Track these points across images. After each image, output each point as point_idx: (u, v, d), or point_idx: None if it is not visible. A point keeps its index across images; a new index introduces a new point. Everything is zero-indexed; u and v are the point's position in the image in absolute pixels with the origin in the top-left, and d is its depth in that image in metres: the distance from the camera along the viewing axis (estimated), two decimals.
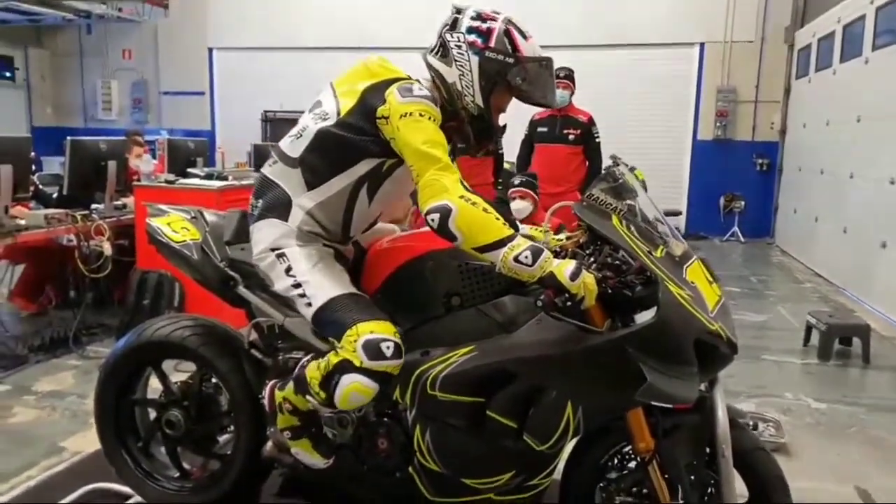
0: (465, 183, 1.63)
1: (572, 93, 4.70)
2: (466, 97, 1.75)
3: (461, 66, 1.73)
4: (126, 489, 2.30)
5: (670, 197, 8.73)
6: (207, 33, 10.19)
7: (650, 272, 1.65)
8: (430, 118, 1.65)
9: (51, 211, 4.03)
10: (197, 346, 2.06)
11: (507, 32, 1.74)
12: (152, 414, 2.24)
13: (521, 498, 1.80)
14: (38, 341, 4.03)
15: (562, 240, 1.88)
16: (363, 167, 1.78)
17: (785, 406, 3.45)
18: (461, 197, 1.57)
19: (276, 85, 9.29)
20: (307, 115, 1.85)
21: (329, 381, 1.67)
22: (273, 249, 1.81)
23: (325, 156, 1.79)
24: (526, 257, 1.53)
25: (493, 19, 1.75)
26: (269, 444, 1.97)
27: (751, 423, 2.90)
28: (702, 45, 8.94)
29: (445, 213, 1.56)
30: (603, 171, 1.87)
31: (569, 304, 1.54)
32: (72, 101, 11.01)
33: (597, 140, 4.70)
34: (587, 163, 4.69)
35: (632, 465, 1.85)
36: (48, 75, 11.02)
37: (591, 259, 1.72)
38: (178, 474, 2.22)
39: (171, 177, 4.41)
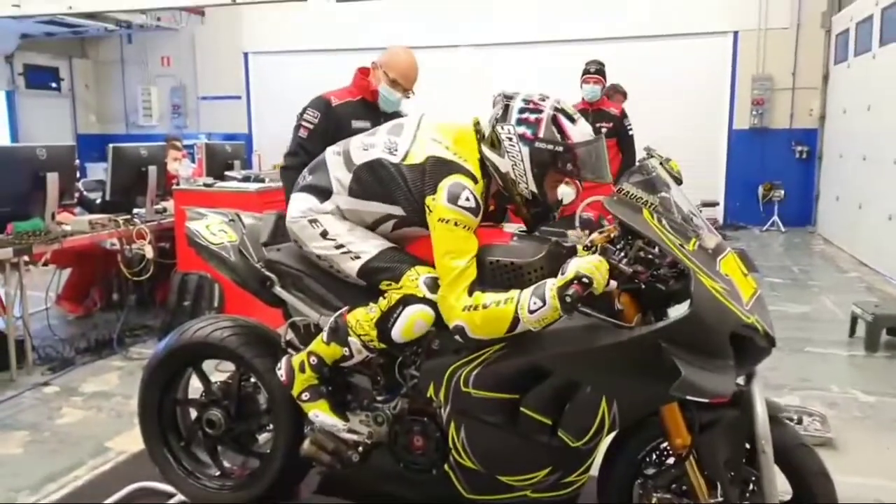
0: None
1: (603, 87, 4.68)
2: (520, 184, 1.82)
3: (513, 157, 1.80)
4: (169, 488, 2.35)
5: (707, 187, 8.54)
6: (242, 38, 10.36)
7: (683, 265, 1.63)
8: (464, 227, 1.76)
9: (95, 216, 4.16)
10: (236, 347, 2.10)
11: (554, 119, 1.79)
12: (193, 414, 2.29)
13: (559, 495, 1.79)
14: (84, 343, 4.15)
15: (580, 236, 1.88)
16: (398, 211, 1.90)
17: (831, 399, 3.35)
18: (465, 309, 1.70)
19: (311, 88, 9.29)
20: (383, 132, 1.97)
21: (389, 316, 1.80)
22: (305, 216, 1.95)
23: (375, 181, 1.90)
24: (535, 304, 1.64)
25: (540, 109, 1.80)
26: (307, 442, 1.99)
27: (795, 417, 2.84)
28: (735, 33, 8.75)
29: (461, 331, 1.72)
30: (636, 164, 1.86)
31: (588, 292, 1.55)
32: (114, 108, 11.32)
33: (629, 132, 4.66)
34: (620, 156, 4.64)
35: (669, 461, 1.82)
36: (91, 84, 11.35)
37: (622, 254, 1.70)
38: (218, 473, 2.26)
39: (210, 180, 4.49)
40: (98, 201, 4.80)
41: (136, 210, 4.43)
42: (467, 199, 1.76)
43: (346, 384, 2.03)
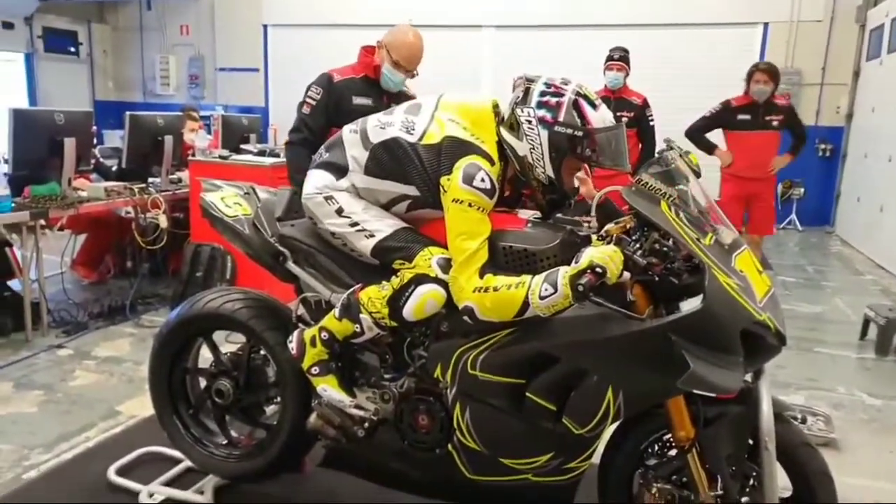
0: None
1: (627, 74, 4.61)
2: (537, 169, 1.81)
3: (531, 140, 1.78)
4: (177, 454, 2.41)
5: None
6: (262, 10, 10.28)
7: (698, 260, 1.62)
8: (478, 208, 1.76)
9: (110, 184, 4.20)
10: (247, 319, 2.12)
11: (575, 104, 1.76)
12: (203, 383, 2.32)
13: (559, 480, 1.81)
14: (97, 309, 4.23)
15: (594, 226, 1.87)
16: (413, 191, 1.90)
17: (836, 400, 3.35)
18: (475, 290, 1.71)
19: (331, 64, 9.24)
20: (400, 111, 1.96)
21: (401, 294, 1.81)
22: (321, 192, 1.95)
23: (392, 160, 1.90)
24: (546, 290, 1.63)
25: (562, 93, 1.78)
26: (314, 416, 2.01)
27: (799, 416, 2.84)
28: (765, 24, 8.58)
29: (470, 312, 1.72)
30: (656, 155, 1.85)
31: (601, 282, 1.55)
32: (132, 75, 11.29)
33: (650, 123, 4.61)
34: (640, 145, 4.59)
35: (672, 452, 1.83)
36: (110, 50, 11.31)
37: (637, 245, 1.69)
38: (225, 442, 2.30)
39: (225, 152, 4.51)
40: (114, 168, 4.84)
41: (151, 179, 4.47)
42: (482, 181, 1.75)
43: (356, 361, 2.04)
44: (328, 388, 1.97)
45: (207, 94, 10.76)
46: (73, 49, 10.86)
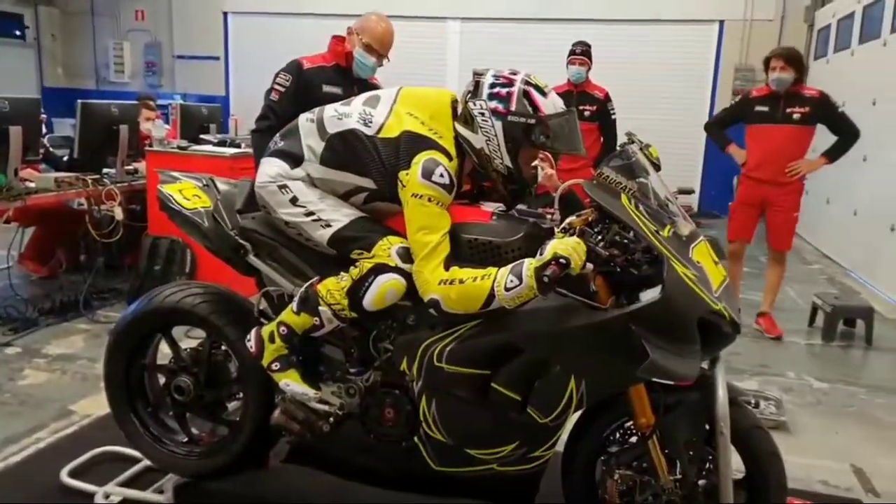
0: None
1: (589, 69, 4.64)
2: (495, 160, 1.83)
3: (486, 132, 1.81)
4: (134, 453, 2.35)
5: (684, 175, 8.62)
6: None
7: (656, 251, 1.66)
8: (437, 203, 1.77)
9: (61, 174, 4.05)
10: (207, 314, 2.08)
11: (525, 93, 1.79)
12: (161, 380, 2.27)
13: (524, 469, 1.83)
14: (48, 304, 4.07)
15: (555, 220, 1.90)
16: (370, 184, 1.90)
17: (787, 385, 3.48)
18: (441, 283, 1.71)
19: (294, 53, 9.06)
20: (358, 103, 1.94)
21: (360, 285, 1.80)
22: (275, 181, 1.93)
23: (348, 152, 1.89)
24: (512, 281, 1.65)
25: (512, 83, 1.81)
26: (278, 412, 1.99)
27: (752, 400, 2.94)
28: (721, 22, 8.79)
29: (436, 304, 1.73)
30: (617, 149, 1.89)
31: (566, 272, 1.58)
32: (83, 61, 10.88)
33: (612, 117, 4.64)
34: (602, 139, 4.65)
35: (632, 439, 1.88)
36: (58, 34, 10.88)
37: (599, 237, 1.73)
38: (186, 439, 2.26)
39: (184, 143, 4.40)
40: (65, 159, 4.67)
41: (105, 170, 4.33)
42: (441, 176, 1.76)
43: (320, 355, 2.03)
44: (290, 383, 1.94)
45: (165, 82, 10.47)
46: (18, 32, 10.43)
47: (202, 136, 4.74)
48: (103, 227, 4.05)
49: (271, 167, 1.95)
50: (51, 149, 4.77)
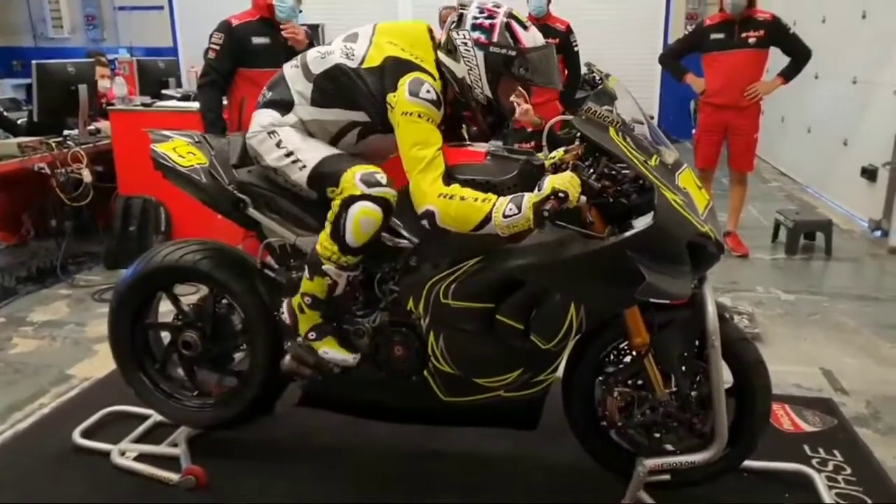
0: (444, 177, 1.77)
1: (549, 1, 4.61)
2: (476, 90, 1.88)
3: (468, 61, 1.86)
4: (141, 411, 2.39)
5: (642, 102, 8.63)
6: None
7: (646, 180, 1.74)
8: (428, 119, 1.79)
9: (25, 139, 3.91)
10: (210, 269, 2.11)
11: (507, 26, 1.84)
12: (167, 337, 2.31)
13: (529, 393, 1.95)
14: (24, 272, 4.02)
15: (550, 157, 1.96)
16: (362, 116, 1.92)
17: (757, 299, 3.68)
18: (441, 196, 1.74)
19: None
20: (339, 41, 1.96)
21: (337, 224, 1.82)
22: (265, 129, 1.96)
23: (336, 88, 1.91)
24: (511, 210, 1.69)
25: (495, 16, 1.85)
26: (288, 358, 2.04)
27: (728, 315, 3.11)
28: None
29: (431, 216, 1.75)
30: (583, 80, 1.97)
31: (563, 206, 1.65)
32: (16, 18, 10.13)
33: (575, 49, 4.64)
34: (566, 71, 4.66)
35: (627, 359, 2.00)
36: None
37: (591, 170, 1.80)
38: (196, 393, 2.30)
39: (147, 99, 4.27)
40: (20, 122, 4.50)
41: (66, 131, 4.19)
42: (428, 92, 1.80)
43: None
44: (329, 351, 1.97)
45: (108, 35, 9.92)
46: None
47: (164, 91, 4.60)
48: (71, 190, 3.95)
49: (264, 117, 1.97)
50: (4, 113, 4.57)
